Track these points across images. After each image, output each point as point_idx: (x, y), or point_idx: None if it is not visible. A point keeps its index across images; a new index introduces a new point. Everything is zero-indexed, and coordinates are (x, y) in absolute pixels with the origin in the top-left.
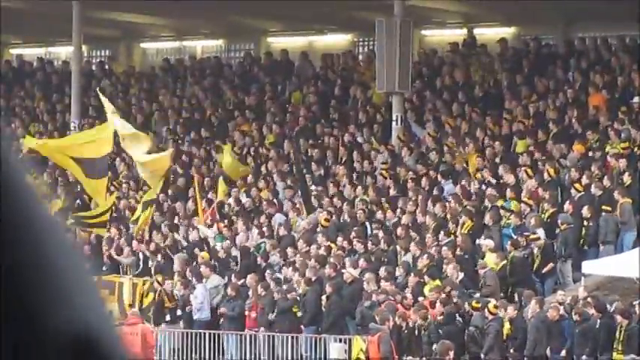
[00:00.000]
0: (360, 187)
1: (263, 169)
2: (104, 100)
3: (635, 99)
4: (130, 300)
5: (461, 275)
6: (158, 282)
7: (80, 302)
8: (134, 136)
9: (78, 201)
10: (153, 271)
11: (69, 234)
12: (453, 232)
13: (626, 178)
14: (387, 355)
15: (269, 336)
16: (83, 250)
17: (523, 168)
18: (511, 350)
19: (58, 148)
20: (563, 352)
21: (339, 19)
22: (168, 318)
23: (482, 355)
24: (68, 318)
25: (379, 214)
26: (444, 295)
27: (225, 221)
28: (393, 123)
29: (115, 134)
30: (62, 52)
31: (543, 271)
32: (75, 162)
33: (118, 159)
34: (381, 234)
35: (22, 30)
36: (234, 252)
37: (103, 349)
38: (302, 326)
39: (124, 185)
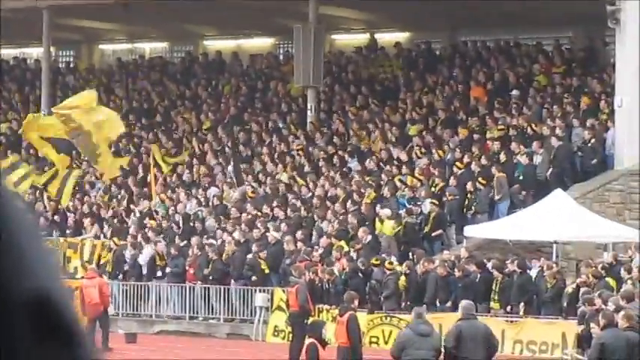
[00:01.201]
0: (280, 165)
1: (200, 149)
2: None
3: (514, 92)
4: (89, 258)
5: (369, 237)
6: (115, 243)
7: (37, 269)
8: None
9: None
10: (109, 234)
11: (22, 203)
12: (358, 202)
13: (502, 157)
14: (304, 303)
15: (205, 288)
16: (37, 218)
17: (416, 148)
18: (408, 302)
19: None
20: (449, 303)
21: (264, 25)
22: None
23: (381, 301)
24: (28, 289)
25: (296, 188)
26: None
27: (169, 192)
28: (308, 112)
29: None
30: (34, 52)
31: (433, 235)
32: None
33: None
34: (298, 204)
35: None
36: (177, 218)
37: (58, 308)
38: (232, 280)
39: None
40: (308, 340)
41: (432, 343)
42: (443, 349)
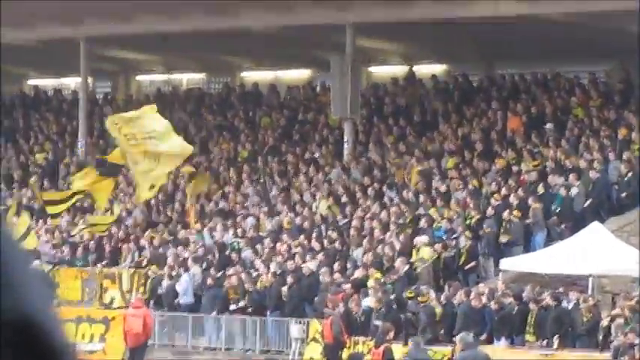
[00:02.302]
0: (318, 195)
1: (237, 179)
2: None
3: (548, 125)
4: (128, 287)
5: (406, 267)
6: (153, 271)
7: (23, 291)
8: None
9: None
10: (146, 263)
11: (6, 225)
12: (395, 232)
13: (539, 188)
14: (337, 334)
15: (241, 319)
16: (21, 242)
17: (452, 181)
18: (441, 332)
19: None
20: (484, 336)
21: (301, 57)
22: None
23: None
24: (13, 307)
25: (331, 219)
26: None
27: (206, 221)
28: (345, 143)
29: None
30: (71, 83)
31: (467, 267)
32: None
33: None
34: (335, 235)
35: (38, 64)
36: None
37: (46, 332)
38: (268, 311)
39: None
40: None
41: None
42: None
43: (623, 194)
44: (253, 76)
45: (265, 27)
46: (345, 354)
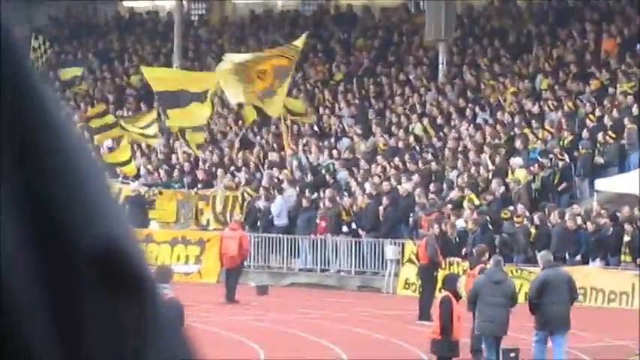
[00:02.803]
0: (414, 116)
1: (332, 100)
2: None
3: (639, 45)
4: (221, 209)
5: (502, 189)
6: (248, 193)
7: (106, 217)
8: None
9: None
10: (242, 184)
11: (88, 145)
12: (489, 154)
13: (635, 109)
14: (433, 255)
15: (336, 240)
16: (99, 162)
17: (547, 102)
18: (536, 252)
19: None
20: (579, 257)
21: None
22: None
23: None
24: (97, 236)
25: (426, 140)
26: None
27: (301, 144)
28: (440, 64)
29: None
30: (166, 5)
31: (561, 188)
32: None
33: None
34: (429, 156)
35: None
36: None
37: (128, 256)
38: (363, 232)
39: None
40: (442, 293)
41: (505, 290)
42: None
43: None
44: None
45: None
46: (440, 275)
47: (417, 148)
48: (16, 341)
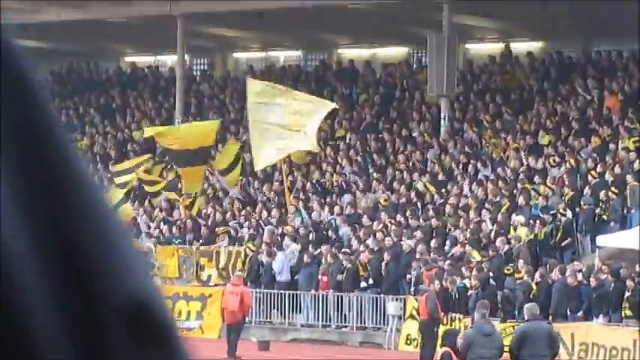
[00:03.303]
0: (415, 173)
1: (334, 156)
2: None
3: None
4: (224, 265)
5: (506, 247)
6: (250, 249)
7: (136, 270)
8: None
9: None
10: (246, 240)
11: (110, 203)
12: (491, 210)
13: (636, 165)
14: (433, 311)
15: (338, 296)
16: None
17: (549, 158)
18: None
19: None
20: (580, 313)
21: (397, 34)
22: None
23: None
24: (127, 292)
25: (429, 197)
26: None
27: (302, 199)
28: (442, 120)
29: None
30: (168, 60)
31: (563, 244)
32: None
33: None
34: (431, 212)
35: (135, 41)
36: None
37: (156, 312)
38: (367, 288)
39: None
40: (443, 349)
41: (495, 342)
42: (508, 350)
43: None
44: (350, 53)
45: (362, 3)
46: (440, 330)
47: (419, 204)
48: None
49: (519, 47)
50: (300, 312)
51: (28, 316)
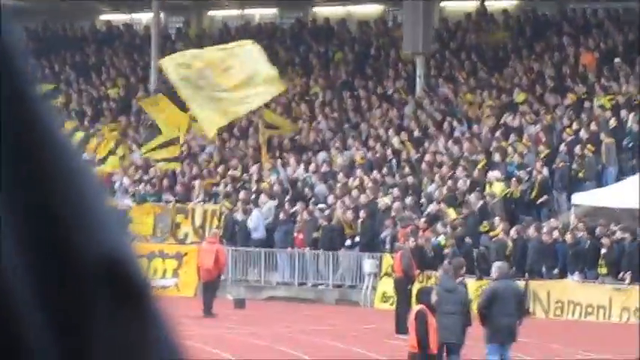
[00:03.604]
0: (390, 130)
1: (309, 114)
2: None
3: (617, 60)
4: (200, 223)
5: (480, 203)
6: (226, 207)
7: (109, 227)
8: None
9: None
10: (221, 198)
11: (83, 158)
12: (467, 168)
13: (612, 122)
14: (407, 268)
15: (314, 253)
16: (95, 173)
17: (525, 116)
18: (513, 267)
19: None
20: (556, 271)
21: None
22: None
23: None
24: (102, 251)
25: (405, 154)
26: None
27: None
28: (417, 78)
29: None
30: (143, 18)
31: (539, 202)
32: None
33: None
34: (407, 169)
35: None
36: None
37: (130, 269)
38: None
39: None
40: (417, 306)
41: (459, 298)
42: (476, 309)
43: None
44: (325, 11)
45: None
46: (415, 288)
47: (394, 161)
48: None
49: (495, 5)
50: (276, 270)
51: (2, 276)
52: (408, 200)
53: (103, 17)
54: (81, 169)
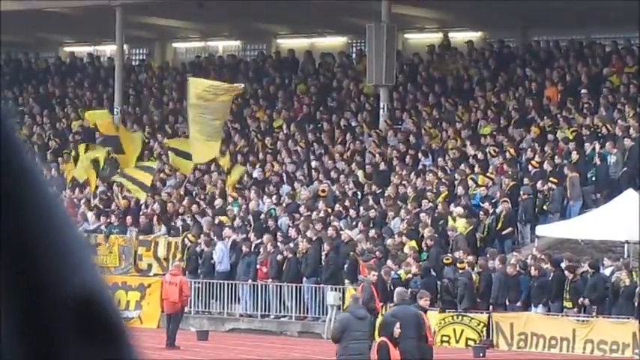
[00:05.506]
0: (354, 164)
1: (272, 147)
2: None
3: (583, 91)
4: (164, 255)
5: (436, 236)
6: (189, 239)
7: (82, 263)
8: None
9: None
10: (181, 231)
11: (58, 194)
12: (431, 200)
13: (574, 156)
14: (368, 302)
15: (277, 286)
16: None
17: (489, 147)
18: (477, 299)
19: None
20: (519, 303)
21: (336, 24)
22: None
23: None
24: (75, 284)
25: (367, 187)
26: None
27: (242, 191)
28: (381, 110)
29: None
30: (107, 50)
31: (504, 233)
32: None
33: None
34: (371, 202)
35: (74, 31)
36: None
37: (104, 305)
38: (304, 277)
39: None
40: (379, 339)
41: (368, 326)
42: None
43: None
44: (289, 43)
45: None
46: (377, 321)
47: (358, 194)
48: None
49: (458, 37)
50: (238, 302)
51: None
52: (372, 233)
53: (67, 49)
54: (53, 202)
